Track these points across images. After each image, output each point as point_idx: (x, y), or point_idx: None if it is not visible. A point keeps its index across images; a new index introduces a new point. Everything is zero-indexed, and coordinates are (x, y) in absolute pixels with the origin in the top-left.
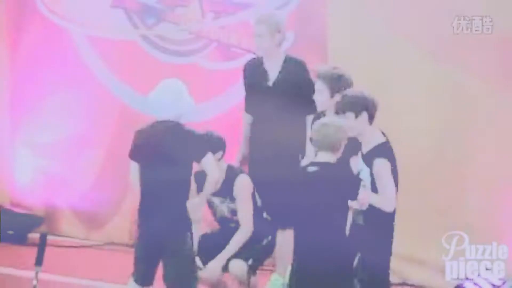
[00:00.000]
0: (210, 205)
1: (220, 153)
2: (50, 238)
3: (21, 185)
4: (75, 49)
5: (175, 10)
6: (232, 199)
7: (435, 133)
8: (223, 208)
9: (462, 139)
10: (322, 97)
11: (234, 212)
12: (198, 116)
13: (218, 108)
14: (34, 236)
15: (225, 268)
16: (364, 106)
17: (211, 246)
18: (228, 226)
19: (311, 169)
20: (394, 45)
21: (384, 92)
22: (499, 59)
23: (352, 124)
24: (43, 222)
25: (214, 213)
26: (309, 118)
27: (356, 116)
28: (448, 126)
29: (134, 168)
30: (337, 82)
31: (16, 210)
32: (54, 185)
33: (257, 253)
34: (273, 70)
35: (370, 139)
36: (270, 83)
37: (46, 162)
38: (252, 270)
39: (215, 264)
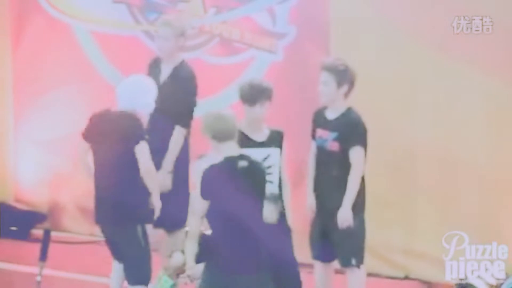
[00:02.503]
0: None
1: None
2: (53, 234)
3: (25, 181)
4: (77, 45)
5: (177, 5)
6: None
7: (434, 132)
8: None
9: (462, 139)
10: (328, 88)
11: None
12: (201, 111)
13: (222, 103)
14: (38, 232)
15: None
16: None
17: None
18: None
19: (242, 164)
20: (395, 40)
21: (385, 86)
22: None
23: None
24: (47, 219)
25: None
26: (179, 130)
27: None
28: (447, 125)
29: (82, 148)
30: (344, 73)
31: (20, 206)
32: (57, 181)
33: None
34: (166, 72)
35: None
36: (159, 84)
37: (50, 158)
38: None
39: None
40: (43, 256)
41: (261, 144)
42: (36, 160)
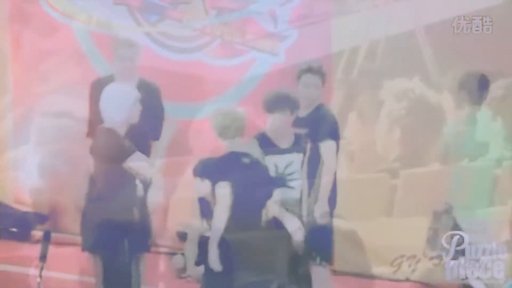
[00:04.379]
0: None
1: None
2: (54, 235)
3: (25, 182)
4: (78, 46)
5: (178, 7)
6: None
7: (437, 134)
8: None
9: (464, 139)
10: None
11: None
12: (204, 113)
13: (223, 104)
14: (38, 233)
15: None
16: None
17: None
18: None
19: (246, 160)
20: (395, 41)
21: (386, 86)
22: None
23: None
24: (47, 220)
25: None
26: (155, 144)
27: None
28: (449, 126)
29: None
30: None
31: (20, 207)
32: (58, 182)
33: None
34: None
35: None
36: None
37: (50, 159)
38: None
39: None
40: (43, 257)
41: (285, 151)
42: (37, 162)
